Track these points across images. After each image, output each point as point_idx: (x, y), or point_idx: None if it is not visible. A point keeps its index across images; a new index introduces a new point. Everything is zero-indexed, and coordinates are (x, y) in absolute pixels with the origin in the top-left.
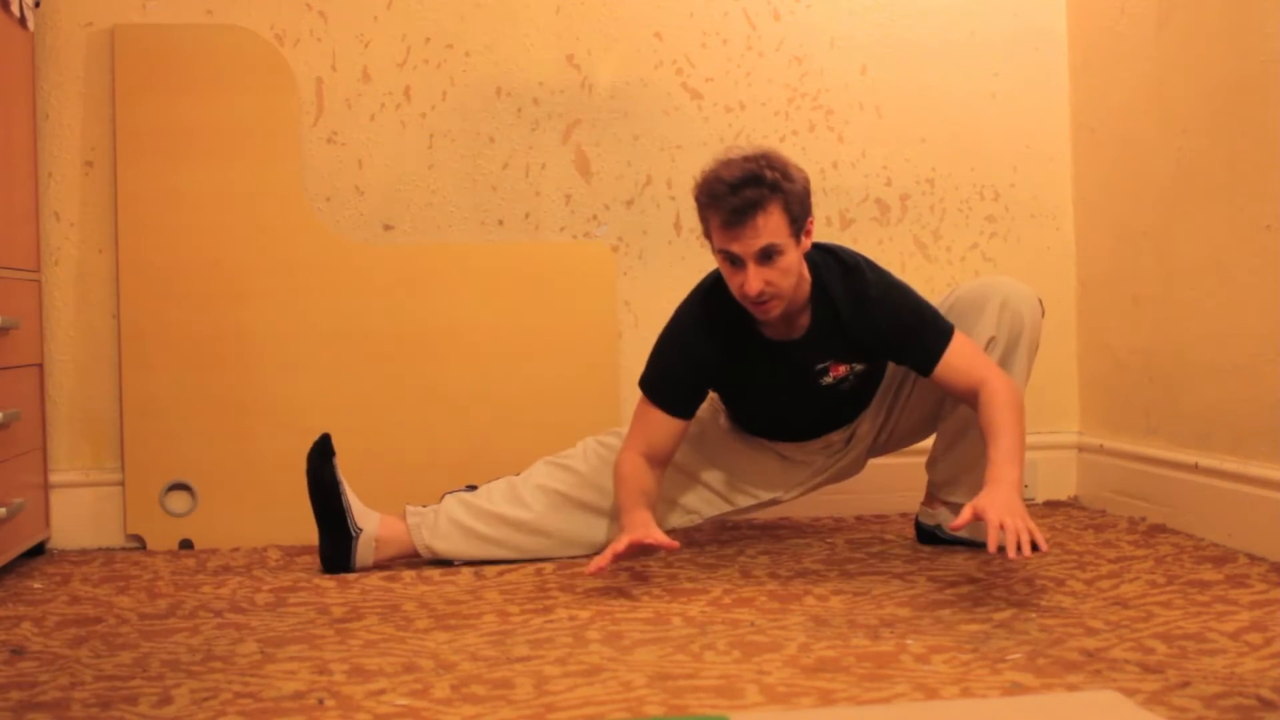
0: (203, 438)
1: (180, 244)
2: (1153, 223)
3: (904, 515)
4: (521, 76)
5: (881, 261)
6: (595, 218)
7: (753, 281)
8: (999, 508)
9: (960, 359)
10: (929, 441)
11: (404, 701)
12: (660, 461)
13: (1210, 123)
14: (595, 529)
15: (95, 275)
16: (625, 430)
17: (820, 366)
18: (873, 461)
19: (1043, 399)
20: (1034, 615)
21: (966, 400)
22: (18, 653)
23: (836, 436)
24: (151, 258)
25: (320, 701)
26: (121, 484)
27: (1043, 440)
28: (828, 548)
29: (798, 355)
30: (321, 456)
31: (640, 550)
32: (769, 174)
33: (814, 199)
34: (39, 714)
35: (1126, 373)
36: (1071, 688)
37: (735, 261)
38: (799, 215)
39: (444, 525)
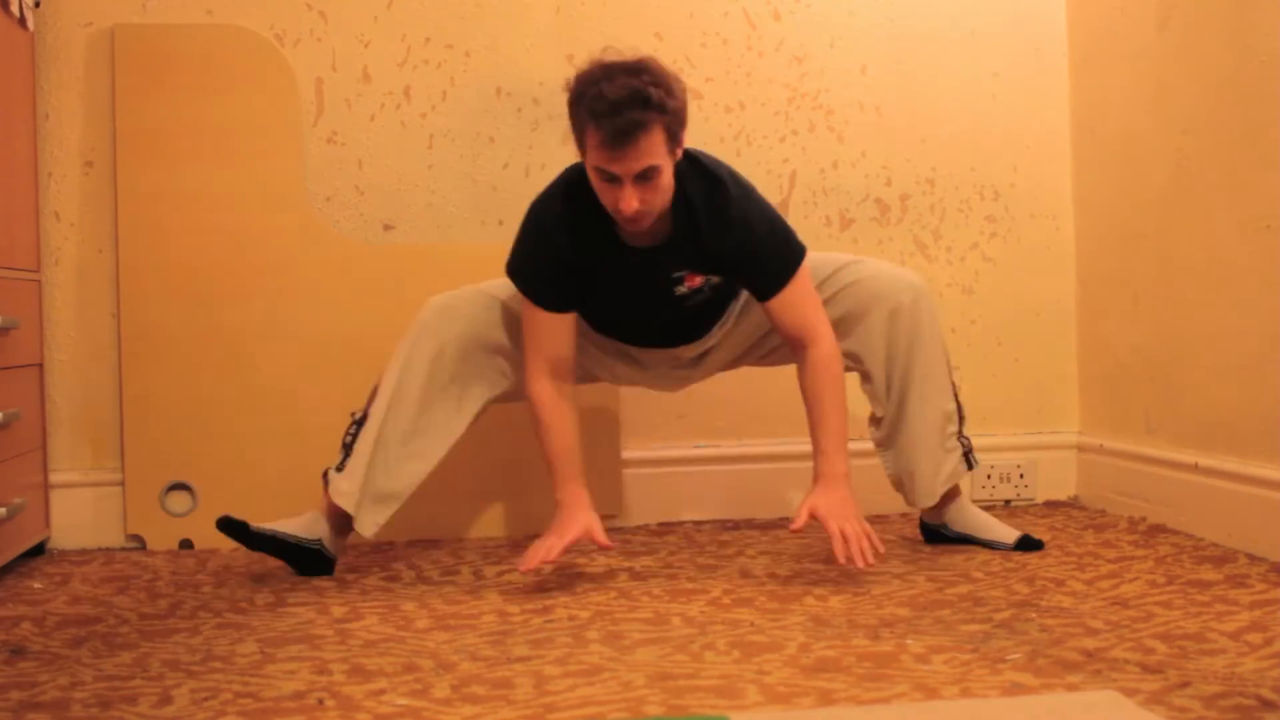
0: (203, 438)
1: (180, 244)
2: (1153, 223)
3: (904, 515)
4: (521, 76)
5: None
6: None
7: (630, 200)
8: (836, 513)
9: (799, 298)
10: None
11: (404, 701)
12: (565, 372)
13: (1210, 122)
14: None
15: (95, 275)
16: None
17: (676, 275)
18: (873, 462)
19: (1043, 399)
20: (1034, 615)
21: (789, 342)
22: (18, 653)
23: (685, 352)
24: (151, 258)
25: (320, 701)
26: (121, 484)
27: (1043, 440)
28: (828, 548)
29: (654, 262)
30: (237, 532)
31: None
32: (653, 92)
33: (814, 199)
34: (39, 714)
35: (1126, 373)
36: (1071, 688)
37: (612, 180)
38: (677, 132)
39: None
